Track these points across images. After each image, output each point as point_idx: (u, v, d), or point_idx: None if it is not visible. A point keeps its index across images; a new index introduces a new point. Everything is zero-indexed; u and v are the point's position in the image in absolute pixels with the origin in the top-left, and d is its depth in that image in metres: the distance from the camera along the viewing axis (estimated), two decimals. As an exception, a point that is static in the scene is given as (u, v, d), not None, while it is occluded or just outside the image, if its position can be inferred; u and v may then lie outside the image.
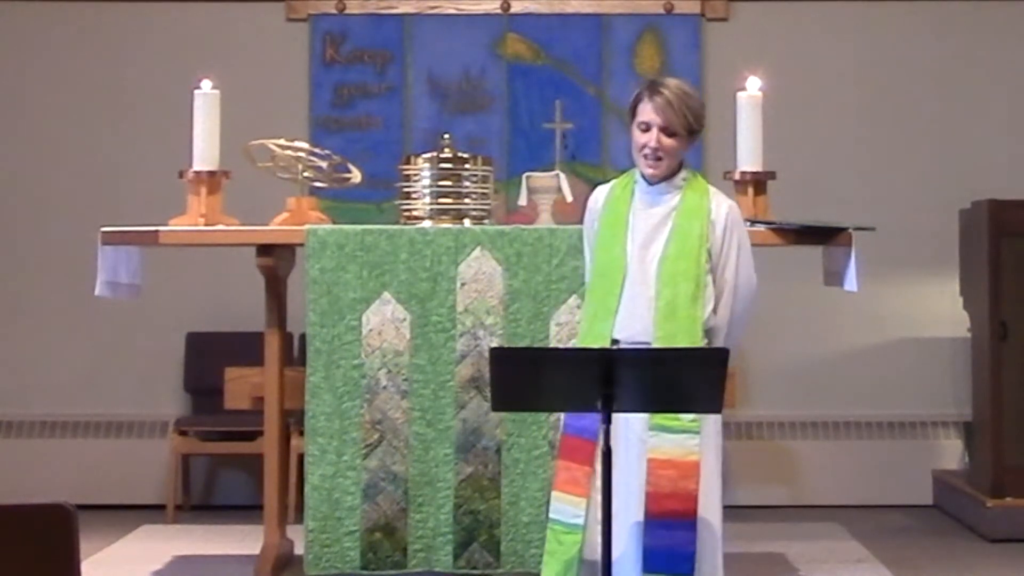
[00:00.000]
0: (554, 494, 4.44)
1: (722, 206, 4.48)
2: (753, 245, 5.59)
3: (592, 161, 7.69)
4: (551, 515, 4.44)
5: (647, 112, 4.42)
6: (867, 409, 7.72)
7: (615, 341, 4.34)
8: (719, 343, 4.42)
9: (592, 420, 4.32)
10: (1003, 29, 7.80)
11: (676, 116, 4.40)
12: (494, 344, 5.29)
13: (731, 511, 7.26)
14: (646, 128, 4.41)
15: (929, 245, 7.62)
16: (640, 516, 4.29)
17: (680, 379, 3.88)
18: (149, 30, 7.79)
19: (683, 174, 4.48)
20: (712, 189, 4.51)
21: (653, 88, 4.45)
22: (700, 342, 4.36)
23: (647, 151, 4.41)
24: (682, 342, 4.29)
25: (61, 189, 7.76)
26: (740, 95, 5.68)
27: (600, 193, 4.58)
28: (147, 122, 7.66)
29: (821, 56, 7.80)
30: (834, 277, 5.58)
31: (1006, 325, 6.80)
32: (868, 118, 7.79)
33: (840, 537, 6.71)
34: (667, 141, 4.40)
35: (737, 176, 5.68)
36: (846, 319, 7.66)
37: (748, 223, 5.53)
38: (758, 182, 5.66)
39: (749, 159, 5.66)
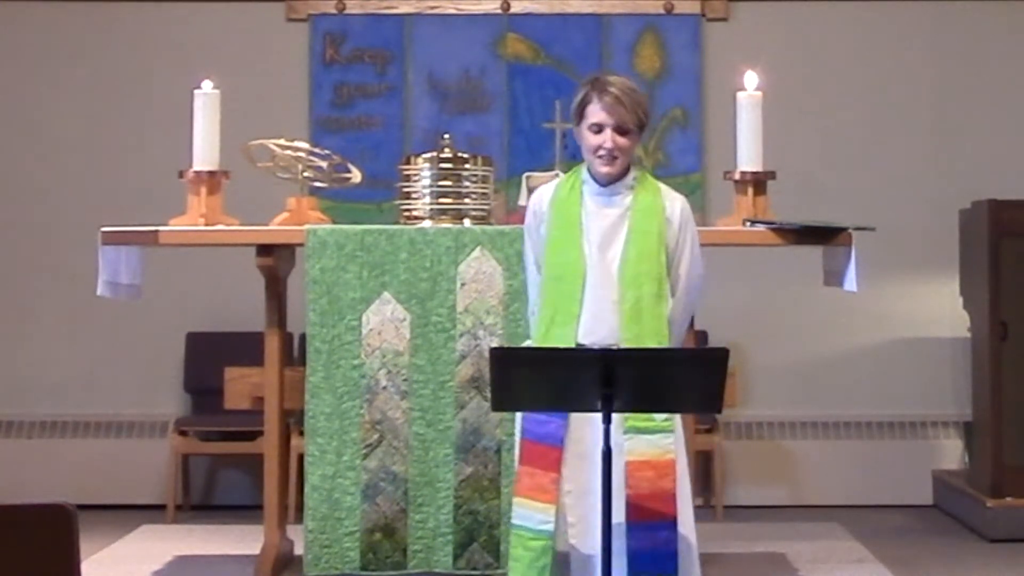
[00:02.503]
0: (517, 500, 4.39)
1: (676, 203, 4.48)
2: (753, 245, 5.64)
3: (592, 161, 7.68)
4: (514, 521, 4.40)
5: (598, 113, 4.39)
6: (867, 409, 7.71)
7: (580, 346, 4.33)
8: (672, 336, 4.43)
9: (557, 426, 4.31)
10: (1003, 29, 7.80)
11: (628, 113, 4.38)
12: (494, 344, 5.29)
13: (731, 511, 7.33)
14: (598, 130, 4.40)
15: (929, 245, 7.62)
16: (615, 518, 4.27)
17: (680, 379, 3.88)
18: (149, 30, 7.79)
19: (634, 173, 4.47)
20: (662, 186, 4.51)
21: (600, 87, 4.42)
22: (667, 341, 4.37)
23: (602, 152, 4.39)
24: (649, 343, 4.29)
25: (62, 189, 7.76)
26: (740, 95, 5.69)
27: (544, 195, 4.54)
28: (147, 122, 7.66)
29: (821, 56, 7.80)
30: (834, 277, 5.58)
31: (1006, 325, 6.80)
32: (868, 118, 7.79)
33: (840, 537, 6.71)
34: (621, 140, 4.39)
35: (737, 176, 5.68)
36: (846, 319, 7.66)
37: (748, 223, 5.56)
38: (758, 182, 5.66)
39: (749, 159, 5.66)
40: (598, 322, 4.34)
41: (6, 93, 7.82)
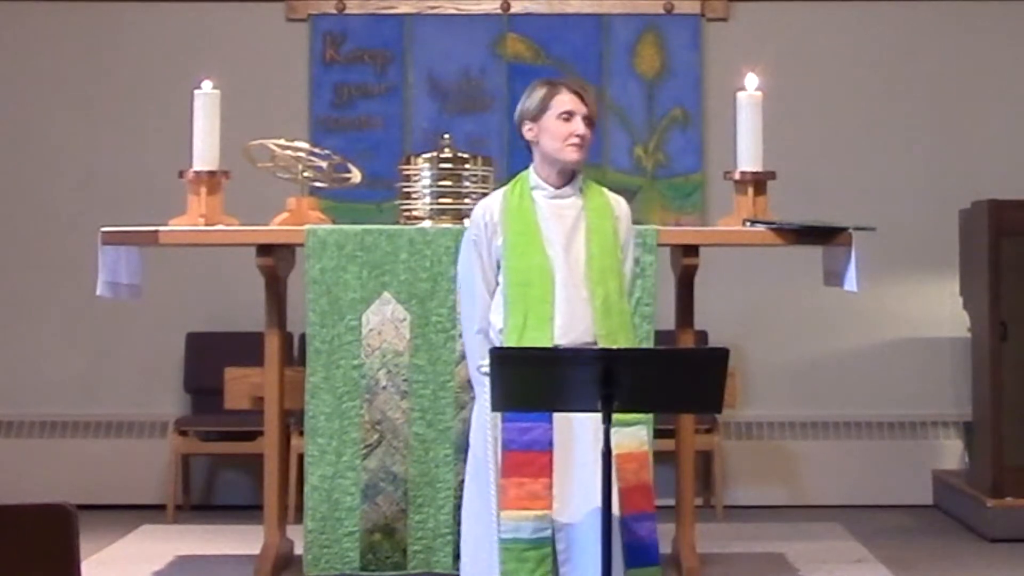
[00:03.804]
0: (506, 514, 4.32)
1: (620, 203, 4.58)
2: (753, 245, 5.65)
3: (592, 161, 7.65)
4: (504, 535, 4.32)
5: (569, 101, 4.47)
6: (867, 409, 7.71)
7: (557, 347, 4.33)
8: None
9: (544, 431, 4.30)
10: (1003, 29, 7.80)
11: (591, 102, 4.50)
12: (494, 344, 5.29)
13: (731, 511, 7.33)
14: (568, 117, 4.44)
15: (929, 245, 7.62)
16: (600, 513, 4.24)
17: (680, 379, 3.88)
18: (150, 30, 7.79)
19: (580, 175, 4.54)
20: (604, 188, 4.60)
21: (562, 81, 4.58)
22: (634, 335, 4.41)
23: (574, 140, 4.44)
24: (621, 338, 4.36)
25: (62, 189, 7.76)
26: (740, 95, 5.69)
27: (492, 206, 4.53)
28: (147, 122, 7.66)
29: (821, 56, 7.80)
30: (834, 277, 5.58)
31: (1006, 325, 6.80)
32: (868, 118, 7.79)
33: (840, 537, 6.71)
34: (587, 130, 4.48)
35: (737, 176, 5.68)
36: (846, 319, 7.66)
37: (748, 223, 5.57)
38: (758, 182, 5.66)
39: (749, 159, 5.66)
40: (574, 321, 4.35)
41: (6, 93, 7.81)
